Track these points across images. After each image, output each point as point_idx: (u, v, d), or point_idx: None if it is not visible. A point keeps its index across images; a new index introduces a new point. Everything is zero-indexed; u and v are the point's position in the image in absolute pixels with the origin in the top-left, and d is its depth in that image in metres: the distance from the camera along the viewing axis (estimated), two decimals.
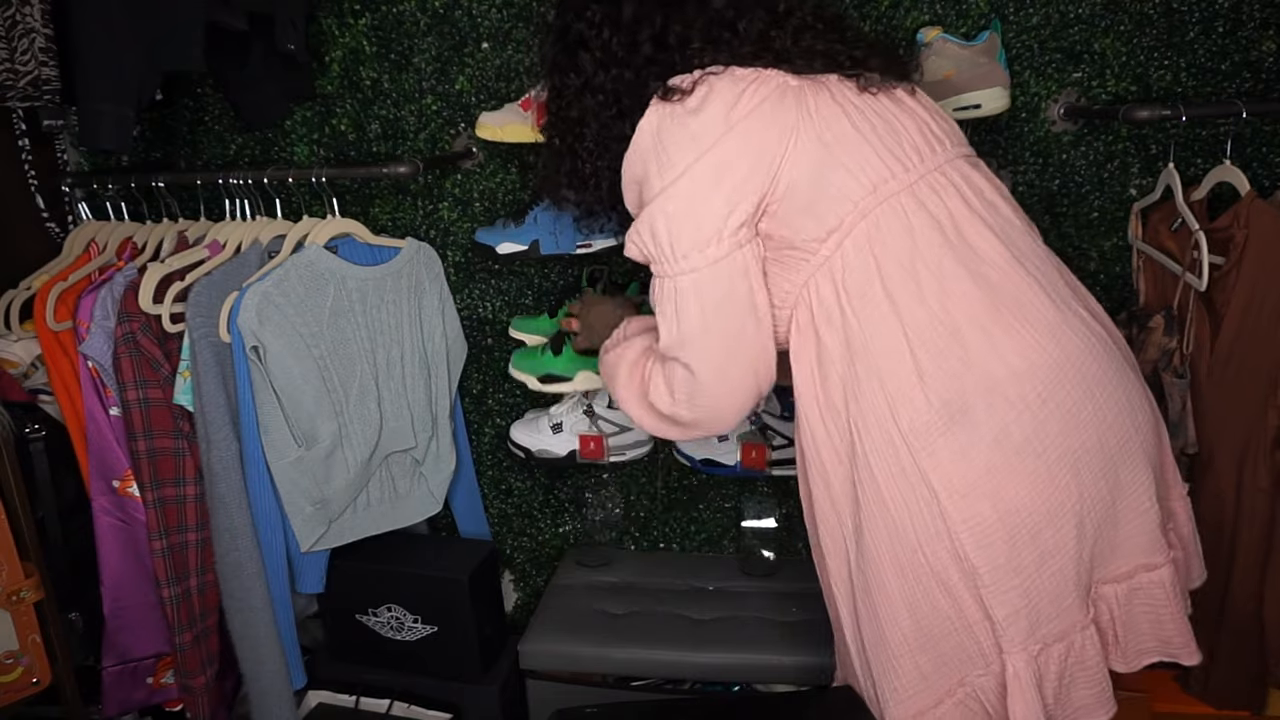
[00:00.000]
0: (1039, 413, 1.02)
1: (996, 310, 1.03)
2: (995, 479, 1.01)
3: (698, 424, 1.14)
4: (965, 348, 1.02)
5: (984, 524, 1.01)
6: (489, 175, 1.80)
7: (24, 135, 1.77)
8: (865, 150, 1.05)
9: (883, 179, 1.05)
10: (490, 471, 1.99)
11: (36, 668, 1.46)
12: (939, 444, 1.02)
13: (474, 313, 1.88)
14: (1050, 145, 1.65)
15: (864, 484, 1.06)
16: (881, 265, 1.04)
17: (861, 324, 1.04)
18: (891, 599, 1.06)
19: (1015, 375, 1.02)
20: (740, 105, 1.04)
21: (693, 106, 1.05)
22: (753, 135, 1.03)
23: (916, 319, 1.03)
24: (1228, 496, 1.48)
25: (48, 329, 1.59)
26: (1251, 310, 1.41)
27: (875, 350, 1.04)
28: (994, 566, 1.01)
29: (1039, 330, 1.04)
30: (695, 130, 1.04)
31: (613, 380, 1.25)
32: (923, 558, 1.03)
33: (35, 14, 1.41)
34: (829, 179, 1.04)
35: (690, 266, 1.05)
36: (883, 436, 1.04)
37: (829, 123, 1.05)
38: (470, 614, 1.72)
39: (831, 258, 1.05)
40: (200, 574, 1.61)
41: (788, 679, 1.62)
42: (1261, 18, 1.55)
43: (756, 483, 1.90)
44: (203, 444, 1.55)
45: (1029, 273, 1.07)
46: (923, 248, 1.04)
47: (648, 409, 1.18)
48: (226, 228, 1.68)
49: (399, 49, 1.76)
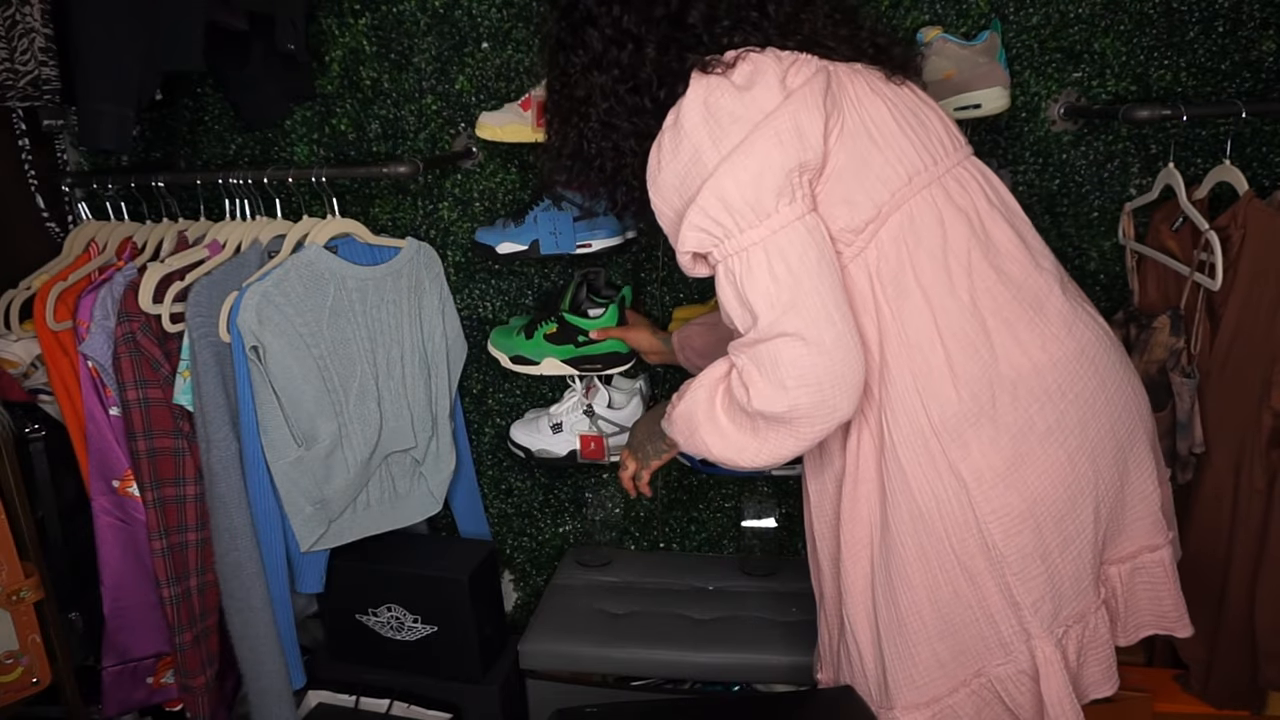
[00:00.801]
0: (1059, 403, 1.05)
1: (1019, 304, 1.05)
2: (1022, 469, 1.03)
3: (814, 411, 0.98)
4: (991, 340, 1.04)
5: (1012, 513, 1.03)
6: (489, 175, 1.80)
7: (24, 135, 1.77)
8: (902, 140, 1.05)
9: (916, 170, 1.05)
10: (490, 471, 1.99)
11: (36, 668, 1.46)
12: (968, 435, 1.03)
13: (474, 313, 1.88)
14: (1050, 145, 1.65)
15: (891, 475, 1.07)
16: (914, 257, 1.04)
17: (895, 314, 1.04)
18: (914, 587, 1.07)
19: (1037, 368, 1.04)
20: (789, 79, 1.02)
21: (741, 80, 1.01)
22: (807, 107, 1.00)
23: (948, 311, 1.04)
24: (1225, 497, 1.48)
25: (48, 329, 1.59)
26: (1248, 311, 1.41)
27: (908, 341, 1.04)
28: (1022, 554, 1.04)
29: (1056, 323, 1.07)
30: (752, 98, 1.00)
31: (693, 427, 1.09)
32: (949, 547, 1.05)
33: (35, 14, 1.41)
34: (870, 165, 1.03)
35: (781, 222, 0.98)
36: (912, 427, 1.05)
37: (870, 110, 1.05)
38: (470, 614, 1.72)
39: (867, 248, 1.04)
40: (200, 574, 1.61)
41: (788, 679, 1.62)
42: (1261, 18, 1.55)
43: (756, 483, 1.91)
44: (202, 444, 1.55)
45: (1043, 268, 1.10)
46: (953, 240, 1.05)
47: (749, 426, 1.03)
48: (226, 227, 1.68)
49: (399, 49, 1.76)
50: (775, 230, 0.98)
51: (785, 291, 0.97)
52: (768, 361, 0.97)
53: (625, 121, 1.13)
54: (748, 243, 0.99)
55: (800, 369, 0.96)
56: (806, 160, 0.99)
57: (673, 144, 1.03)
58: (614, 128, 1.14)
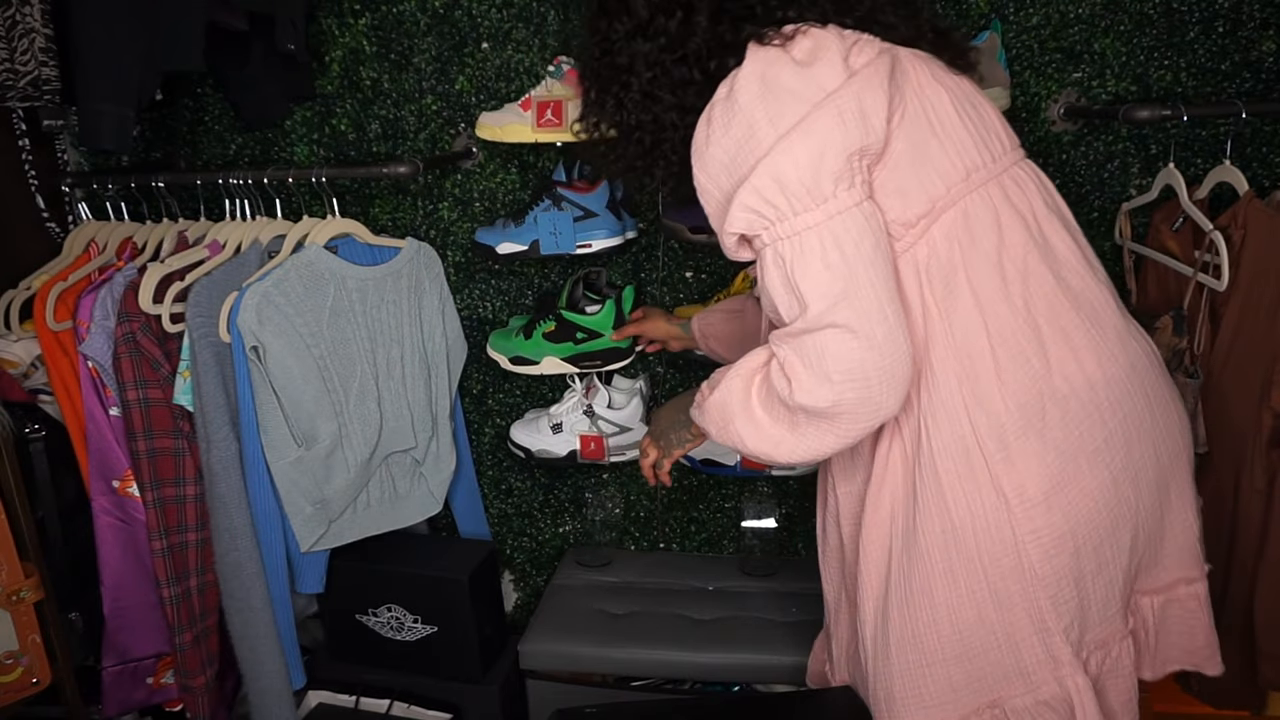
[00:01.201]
0: (1109, 422, 1.00)
1: (1077, 314, 1.01)
2: (1067, 489, 0.99)
3: (859, 408, 0.92)
4: (1046, 351, 0.99)
5: (1054, 534, 0.99)
6: (489, 175, 1.80)
7: (24, 135, 1.77)
8: (962, 133, 1.00)
9: (975, 166, 1.00)
10: (490, 471, 1.99)
11: (37, 668, 1.46)
12: (1014, 449, 0.98)
13: (474, 313, 1.88)
14: (1050, 145, 1.65)
15: (925, 483, 1.02)
16: (967, 257, 0.99)
17: (943, 315, 0.99)
18: (935, 605, 1.02)
19: (1090, 383, 1.00)
20: (853, 58, 0.96)
21: (801, 55, 0.95)
22: (872, 88, 0.94)
23: (1000, 316, 0.99)
24: (1226, 497, 1.48)
25: (48, 329, 1.59)
26: (1248, 311, 1.41)
27: (955, 345, 0.99)
28: (1059, 577, 0.99)
29: (1111, 338, 1.02)
30: (813, 75, 0.94)
31: (728, 418, 1.03)
32: (979, 566, 1.00)
33: (35, 14, 1.41)
34: (929, 157, 0.98)
35: (839, 207, 0.92)
36: (954, 436, 1.00)
37: (931, 99, 1.00)
38: (470, 614, 1.72)
39: (917, 244, 0.99)
40: (200, 574, 1.61)
41: (788, 679, 1.62)
42: (1261, 18, 1.55)
43: (756, 483, 1.91)
44: (202, 444, 1.55)
45: (1099, 279, 1.05)
46: (1009, 243, 1.00)
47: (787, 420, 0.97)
48: (226, 228, 1.68)
49: (399, 49, 1.76)
50: (832, 215, 0.92)
51: (838, 280, 0.91)
52: (814, 353, 0.92)
53: (668, 93, 1.06)
54: (801, 227, 0.93)
55: (848, 363, 0.91)
56: (868, 144, 0.93)
57: (724, 119, 0.96)
58: (656, 99, 1.07)
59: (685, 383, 1.87)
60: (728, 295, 1.67)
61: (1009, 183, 1.03)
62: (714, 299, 1.71)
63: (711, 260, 1.79)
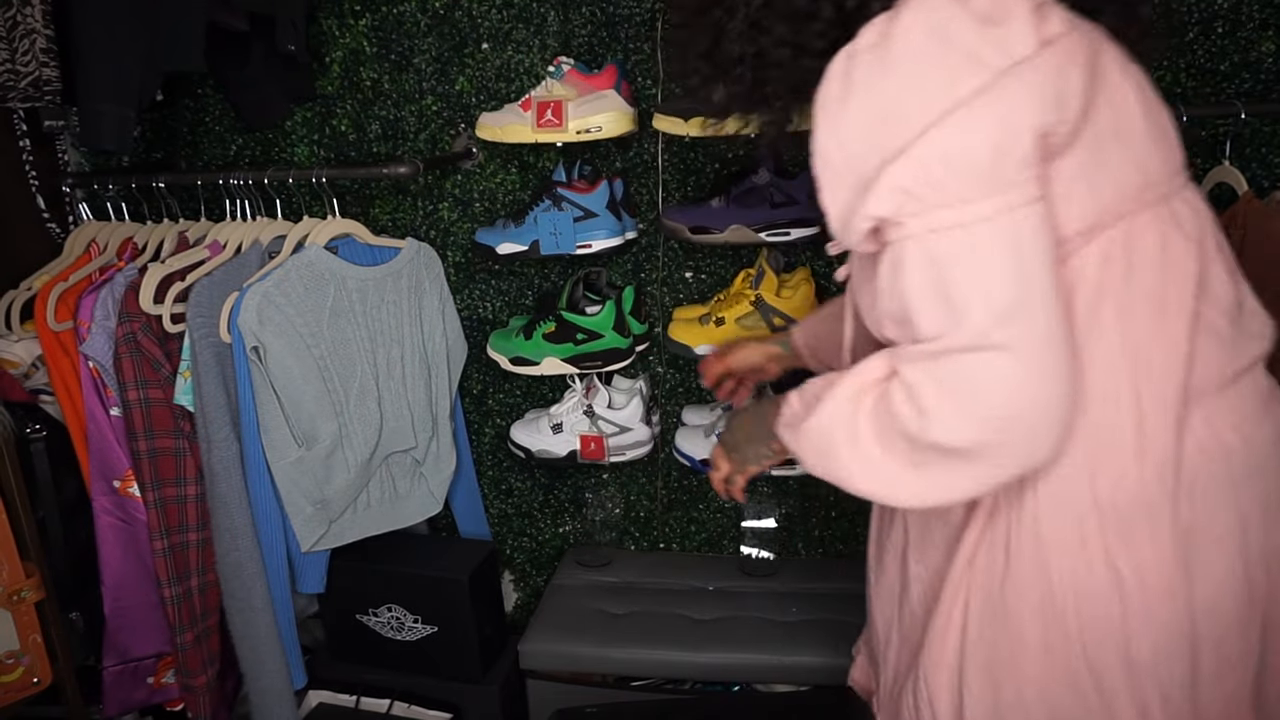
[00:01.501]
0: (1244, 498, 0.84)
1: (1230, 371, 0.85)
2: (1192, 573, 0.83)
3: (1007, 453, 0.77)
4: (1190, 411, 0.83)
5: (1173, 624, 0.83)
6: (489, 175, 1.80)
7: (25, 136, 1.77)
8: (1145, 139, 0.84)
9: (1151, 181, 0.83)
10: (490, 471, 1.99)
11: (37, 667, 1.46)
12: (1139, 522, 0.83)
13: (474, 313, 1.88)
14: None
15: (1023, 547, 0.86)
16: (1123, 287, 0.82)
17: (1079, 351, 0.80)
18: (1026, 681, 0.87)
19: (1228, 452, 0.84)
20: (1046, 27, 0.77)
21: (983, 10, 0.76)
22: (1074, 63, 0.78)
23: (1151, 364, 0.82)
24: None
25: (48, 329, 1.60)
26: None
27: (1087, 392, 0.81)
28: (1170, 673, 0.84)
29: (1256, 403, 0.87)
30: (1000, 37, 0.75)
31: (829, 447, 0.86)
32: (1080, 648, 0.85)
33: (36, 15, 1.41)
34: (1106, 160, 0.81)
35: (1023, 199, 0.75)
36: (1068, 498, 0.84)
37: (1121, 93, 0.83)
38: (470, 614, 1.72)
39: (1067, 261, 0.81)
40: (201, 574, 1.61)
41: (788, 679, 1.63)
42: (1261, 18, 1.55)
43: (756, 483, 1.90)
44: (203, 444, 1.55)
45: (1253, 332, 0.88)
46: (1173, 276, 0.83)
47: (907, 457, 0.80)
48: (227, 228, 1.68)
49: (399, 49, 1.76)
50: (1014, 208, 0.75)
51: (1010, 289, 0.74)
52: (961, 380, 0.75)
53: (782, 24, 0.86)
54: (970, 218, 0.75)
55: (1003, 395, 0.74)
56: (1059, 129, 0.77)
57: (873, 74, 0.78)
58: (765, 30, 0.87)
59: (685, 383, 1.87)
60: (728, 295, 1.67)
61: (1181, 206, 0.86)
62: (714, 299, 1.71)
63: (711, 260, 1.79)
